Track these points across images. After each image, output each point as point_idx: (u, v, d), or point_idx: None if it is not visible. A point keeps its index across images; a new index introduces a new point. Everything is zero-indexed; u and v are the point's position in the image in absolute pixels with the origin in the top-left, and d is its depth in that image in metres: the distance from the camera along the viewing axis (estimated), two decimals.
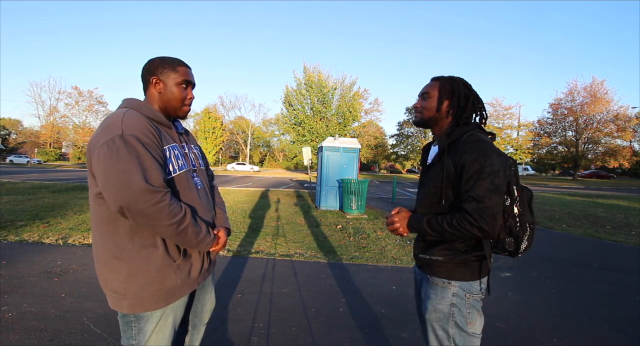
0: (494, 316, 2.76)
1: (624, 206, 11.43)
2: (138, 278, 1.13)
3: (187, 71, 1.29)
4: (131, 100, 1.24)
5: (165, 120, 1.25)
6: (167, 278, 1.17)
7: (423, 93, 1.39)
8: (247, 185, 16.70)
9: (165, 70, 1.25)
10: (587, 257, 4.86)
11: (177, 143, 1.27)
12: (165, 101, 1.27)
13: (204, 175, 1.41)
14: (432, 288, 1.31)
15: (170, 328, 1.23)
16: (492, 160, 1.16)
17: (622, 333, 2.61)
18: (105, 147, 1.04)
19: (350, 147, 9.04)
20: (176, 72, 1.26)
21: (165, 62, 1.26)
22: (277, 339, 2.35)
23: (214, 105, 53.22)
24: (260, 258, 4.20)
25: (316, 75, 25.65)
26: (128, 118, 1.10)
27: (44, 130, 45.29)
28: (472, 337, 1.25)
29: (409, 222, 1.32)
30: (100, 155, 1.05)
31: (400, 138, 48.52)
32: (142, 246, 1.13)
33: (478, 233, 1.14)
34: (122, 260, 1.13)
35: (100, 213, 1.13)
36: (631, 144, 41.17)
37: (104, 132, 1.07)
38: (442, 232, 1.21)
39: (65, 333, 2.29)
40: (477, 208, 1.13)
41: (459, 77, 1.38)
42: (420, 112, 1.39)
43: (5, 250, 4.06)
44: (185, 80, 1.27)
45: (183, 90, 1.27)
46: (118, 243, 1.13)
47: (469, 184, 1.17)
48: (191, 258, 1.24)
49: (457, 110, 1.33)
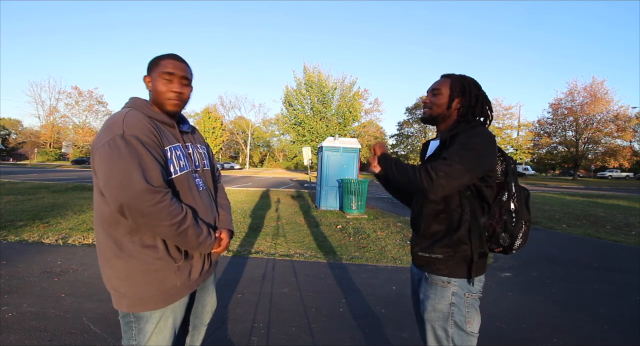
0: (494, 316, 2.76)
1: (624, 206, 11.42)
2: (138, 277, 1.13)
3: (172, 63, 1.22)
4: (136, 100, 1.24)
5: (167, 119, 1.24)
6: (167, 279, 1.17)
7: (433, 89, 1.38)
8: (247, 185, 16.70)
9: (153, 66, 1.24)
10: (587, 256, 4.85)
11: (181, 143, 1.26)
12: (154, 98, 1.24)
13: (208, 176, 1.39)
14: (432, 287, 1.30)
15: (170, 329, 1.23)
16: (480, 141, 1.18)
17: (622, 333, 2.61)
18: (107, 146, 1.05)
19: (350, 147, 9.04)
20: (159, 65, 1.22)
21: (155, 59, 1.25)
22: (277, 339, 2.35)
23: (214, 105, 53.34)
24: (260, 258, 4.20)
25: (316, 75, 25.64)
26: (129, 119, 1.11)
27: (44, 130, 45.35)
28: (470, 336, 1.25)
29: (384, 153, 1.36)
30: (101, 154, 1.05)
31: (400, 138, 48.52)
32: (143, 246, 1.13)
33: (425, 181, 1.15)
34: (122, 258, 1.13)
35: (103, 211, 1.13)
36: (631, 144, 41.17)
37: (106, 132, 1.08)
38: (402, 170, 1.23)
39: (65, 333, 2.29)
40: (441, 163, 1.15)
41: (469, 76, 1.38)
42: (430, 108, 1.38)
43: (5, 250, 4.06)
44: (167, 72, 1.20)
45: (166, 83, 1.20)
46: (119, 242, 1.13)
47: (446, 151, 1.20)
48: (192, 259, 1.24)
49: (466, 109, 1.33)
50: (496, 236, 1.24)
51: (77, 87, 43.81)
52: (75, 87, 43.76)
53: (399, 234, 5.86)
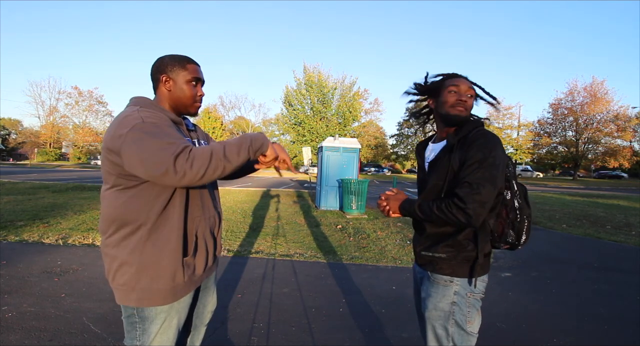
0: (494, 316, 2.76)
1: (624, 206, 11.43)
2: (149, 271, 1.14)
3: (197, 68, 1.29)
4: (140, 99, 1.23)
5: (176, 118, 1.25)
6: (176, 274, 1.17)
7: (467, 92, 1.32)
8: (247, 185, 16.70)
9: (174, 68, 1.25)
10: (587, 256, 4.86)
11: (189, 138, 1.30)
12: (175, 99, 1.27)
13: None
14: (434, 286, 1.31)
15: (174, 329, 1.23)
16: (496, 153, 1.18)
17: (622, 333, 2.61)
18: (130, 135, 1.03)
19: (350, 147, 9.04)
20: (185, 69, 1.26)
21: (174, 60, 1.26)
22: (277, 339, 2.35)
23: (214, 105, 53.21)
24: (260, 258, 4.20)
25: (316, 75, 25.68)
26: (144, 112, 1.11)
27: (44, 130, 45.31)
28: (470, 336, 1.26)
29: (402, 203, 1.33)
30: (127, 143, 1.02)
31: (400, 138, 48.51)
32: (157, 239, 1.14)
33: (462, 218, 1.14)
34: (135, 253, 1.13)
35: (117, 207, 1.13)
36: (631, 144, 41.17)
37: (122, 125, 1.06)
38: (430, 214, 1.22)
39: (65, 333, 2.29)
40: (469, 193, 1.14)
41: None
42: (467, 109, 1.33)
43: (5, 250, 4.06)
44: (195, 78, 1.27)
45: (193, 88, 1.28)
46: (132, 237, 1.13)
47: (467, 171, 1.18)
48: (197, 255, 1.25)
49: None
50: (505, 235, 1.25)
51: (77, 87, 43.79)
52: (75, 87, 43.74)
53: (399, 234, 5.86)
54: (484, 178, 1.14)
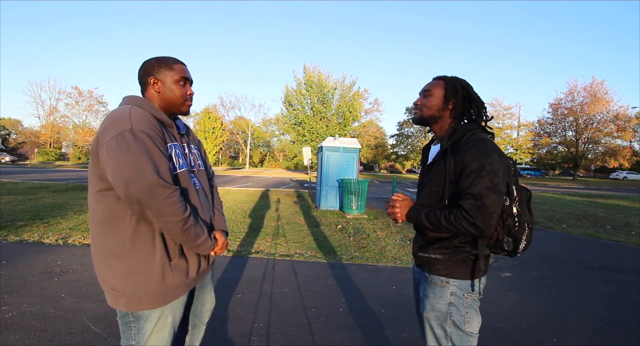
0: (494, 316, 2.76)
1: (624, 206, 11.43)
2: (136, 276, 1.14)
3: (183, 68, 1.31)
4: (133, 98, 1.24)
5: (167, 119, 1.25)
6: (165, 278, 1.17)
7: (424, 91, 1.39)
8: (247, 185, 16.70)
9: (161, 70, 1.26)
10: (587, 257, 4.86)
11: (179, 142, 1.29)
12: (166, 100, 1.28)
13: (203, 176, 1.41)
14: (431, 286, 1.31)
15: (169, 328, 1.23)
16: (492, 159, 1.17)
17: (622, 333, 2.61)
18: (115, 141, 1.04)
19: (350, 147, 9.04)
20: (172, 69, 1.27)
21: (161, 62, 1.27)
22: (277, 339, 2.35)
23: (214, 105, 53.20)
24: (260, 258, 4.20)
25: (316, 75, 25.63)
26: (135, 114, 1.11)
27: (44, 130, 45.25)
28: (469, 336, 1.26)
29: (409, 211, 1.33)
30: (109, 149, 1.04)
31: (400, 138, 48.55)
32: (141, 245, 1.14)
33: (473, 230, 1.14)
34: (120, 258, 1.13)
35: (101, 212, 1.13)
36: (631, 144, 41.16)
37: (112, 127, 1.07)
38: (439, 226, 1.22)
39: (65, 333, 2.29)
40: (475, 205, 1.13)
41: (461, 78, 1.39)
42: (420, 110, 1.39)
43: (5, 250, 4.06)
44: (183, 77, 1.29)
45: (182, 87, 1.29)
46: (117, 242, 1.13)
47: (467, 182, 1.17)
48: (189, 258, 1.24)
49: (459, 110, 1.34)
50: (500, 241, 1.23)
51: (77, 87, 43.67)
52: (75, 87, 43.63)
53: (399, 234, 5.86)
54: (485, 188, 1.14)
